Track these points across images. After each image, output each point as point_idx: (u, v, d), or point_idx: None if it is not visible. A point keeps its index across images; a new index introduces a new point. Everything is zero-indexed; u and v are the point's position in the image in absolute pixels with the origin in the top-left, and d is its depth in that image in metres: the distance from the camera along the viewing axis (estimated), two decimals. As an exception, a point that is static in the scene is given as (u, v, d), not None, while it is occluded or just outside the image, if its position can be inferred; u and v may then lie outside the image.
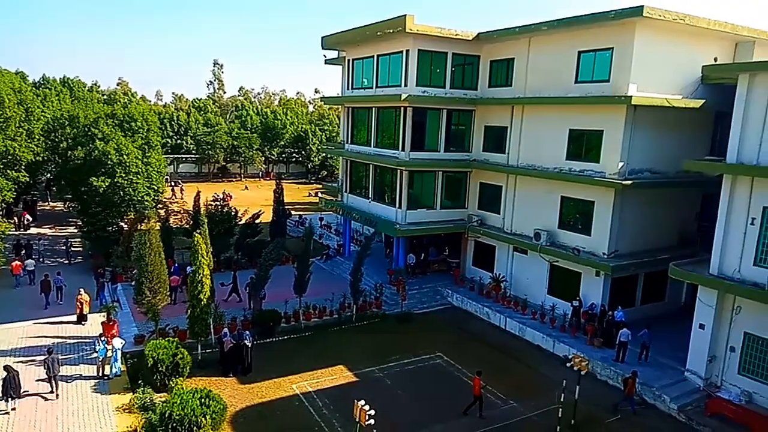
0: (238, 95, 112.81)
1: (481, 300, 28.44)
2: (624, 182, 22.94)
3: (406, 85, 28.66)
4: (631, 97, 22.21)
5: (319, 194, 48.32)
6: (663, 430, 18.14)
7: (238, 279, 28.14)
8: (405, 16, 26.83)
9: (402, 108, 28.83)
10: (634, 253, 24.48)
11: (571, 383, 17.85)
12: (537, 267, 27.23)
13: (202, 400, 16.14)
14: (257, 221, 35.66)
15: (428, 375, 21.51)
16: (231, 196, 54.84)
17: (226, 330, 21.90)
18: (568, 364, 18.23)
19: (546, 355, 23.56)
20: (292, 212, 47.83)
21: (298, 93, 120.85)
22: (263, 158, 79.72)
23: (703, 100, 23.66)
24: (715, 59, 24.34)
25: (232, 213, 34.48)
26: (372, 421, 14.15)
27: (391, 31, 28.02)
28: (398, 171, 29.84)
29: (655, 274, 24.84)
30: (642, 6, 21.26)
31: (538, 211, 27.09)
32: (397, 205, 30.09)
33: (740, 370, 19.16)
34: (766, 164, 17.74)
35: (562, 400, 17.75)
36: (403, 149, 29.19)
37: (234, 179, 76.64)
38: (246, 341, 20.86)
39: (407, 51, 28.39)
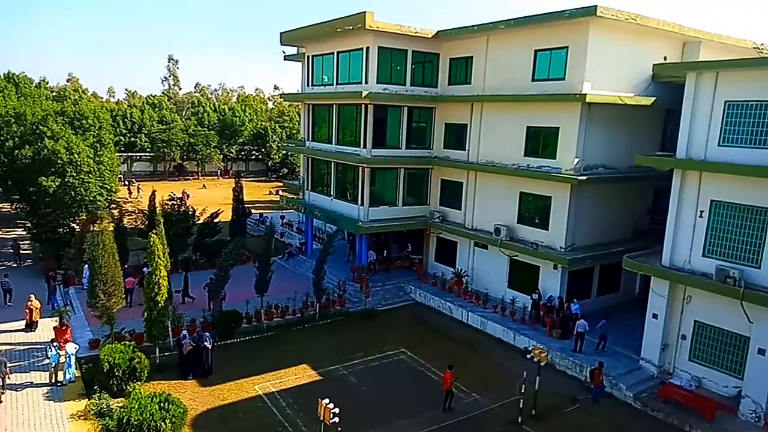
0: (195, 92, 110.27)
1: (443, 295, 28.73)
2: (579, 178, 23.56)
3: (366, 82, 28.62)
4: (585, 95, 22.81)
5: (281, 192, 47.78)
6: (620, 417, 18.75)
7: (189, 280, 27.48)
8: (365, 12, 26.77)
9: (363, 105, 28.77)
10: (589, 247, 25.20)
11: (531, 374, 18.24)
12: (497, 261, 27.69)
13: (161, 404, 15.72)
14: (216, 220, 34.94)
15: (392, 371, 21.58)
16: (189, 195, 53.78)
17: (185, 332, 21.39)
18: (528, 356, 18.63)
19: (507, 348, 23.99)
20: (253, 211, 47.11)
21: (257, 89, 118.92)
22: (221, 156, 78.24)
23: (654, 98, 24.51)
24: (665, 58, 25.24)
25: (190, 212, 33.70)
26: (336, 420, 14.11)
27: (351, 27, 27.91)
28: (360, 168, 29.79)
29: (610, 267, 25.64)
30: (595, 6, 21.84)
31: (498, 206, 27.54)
32: (360, 203, 30.04)
33: (691, 357, 20.00)
34: (713, 159, 18.53)
35: (523, 391, 18.12)
36: (364, 146, 29.14)
37: (191, 178, 74.94)
38: (206, 343, 20.43)
39: (367, 48, 28.33)
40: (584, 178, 23.64)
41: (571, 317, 23.20)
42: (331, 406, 14.14)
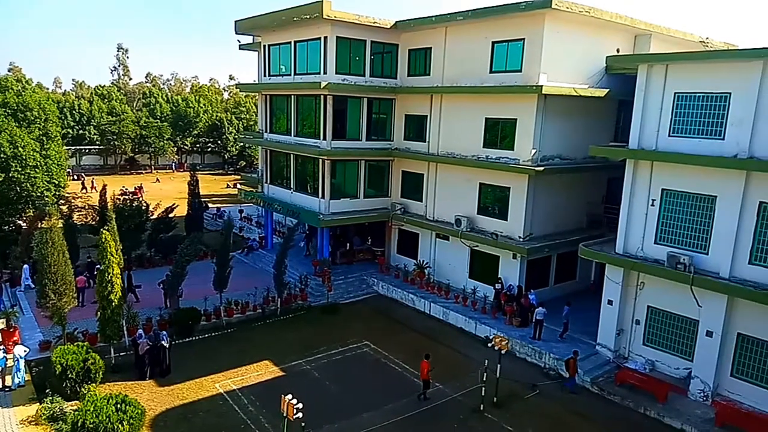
0: (146, 82, 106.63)
1: (406, 287, 28.84)
2: (537, 168, 23.98)
3: (325, 73, 28.25)
4: (541, 86, 23.16)
5: (239, 185, 46.84)
6: (578, 402, 19.28)
7: (133, 278, 26.54)
8: (322, 1, 26.36)
9: (322, 96, 28.41)
10: (547, 236, 25.74)
11: (493, 363, 18.56)
12: (459, 252, 27.97)
13: (118, 405, 15.23)
14: (171, 215, 33.97)
15: (356, 364, 21.54)
16: (143, 190, 52.11)
17: (140, 331, 20.72)
18: (489, 345, 18.95)
19: (469, 337, 24.31)
20: (209, 205, 46.01)
21: (211, 79, 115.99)
22: (175, 149, 76.07)
23: (608, 90, 25.13)
24: (618, 50, 25.90)
25: (143, 207, 32.60)
26: (300, 415, 13.96)
27: (308, 16, 27.45)
28: (320, 160, 29.46)
29: (567, 255, 26.28)
30: (551, -2, 22.15)
31: (459, 198, 27.78)
32: (320, 195, 29.74)
33: (645, 341, 20.74)
34: (664, 149, 19.16)
35: (485, 379, 18.43)
36: (324, 138, 28.82)
37: (144, 171, 72.65)
38: (163, 342, 19.89)
39: (325, 38, 27.95)
40: (541, 168, 24.07)
41: (529, 307, 23.68)
42: (294, 401, 13.98)
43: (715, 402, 18.08)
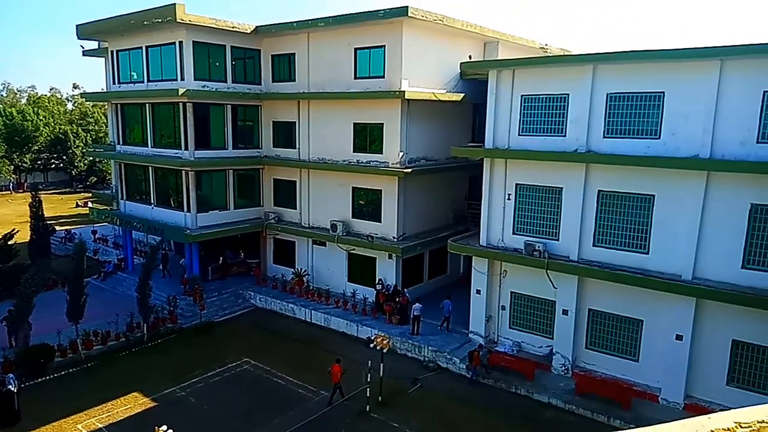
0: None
1: (285, 297, 28.25)
2: (405, 170, 24.83)
3: (183, 79, 26.75)
4: (404, 92, 24.03)
5: (90, 204, 42.69)
6: (456, 390, 20.25)
7: None
8: (175, 4, 24.94)
9: (181, 104, 26.86)
10: (419, 234, 26.77)
11: (376, 362, 18.83)
12: (336, 257, 28.02)
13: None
14: (11, 242, 30.05)
15: (236, 384, 20.62)
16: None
17: (-21, 378, 17.99)
18: (371, 345, 19.20)
19: (351, 340, 24.43)
20: (57, 228, 41.49)
21: (52, 89, 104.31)
22: (12, 167, 67.37)
23: (463, 94, 26.75)
24: (470, 57, 27.69)
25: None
26: (178, 446, 13.02)
27: (161, 20, 25.83)
28: (183, 172, 27.80)
29: (438, 251, 27.52)
30: (407, 6, 23.07)
31: (333, 203, 27.84)
32: (186, 209, 28.05)
33: (511, 324, 22.37)
34: (515, 147, 20.83)
35: (369, 380, 18.63)
36: (186, 148, 27.25)
37: (-27, 194, 63.44)
38: (10, 386, 17.47)
39: (181, 42, 26.47)
40: (409, 170, 24.97)
41: (407, 304, 24.39)
42: (171, 432, 13.02)
43: (575, 374, 20.04)
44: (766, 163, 15.81)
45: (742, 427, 2.36)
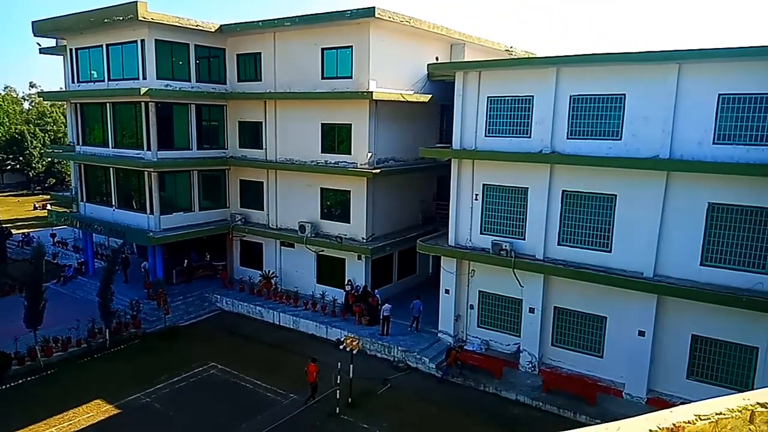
0: None
1: (252, 299, 27.87)
2: (374, 171, 24.82)
3: (145, 78, 26.10)
4: (372, 92, 24.01)
5: (48, 206, 41.26)
6: (426, 389, 20.33)
7: None
8: (136, 2, 24.32)
9: (143, 103, 26.21)
10: (388, 235, 26.79)
11: (346, 364, 18.75)
12: (305, 258, 27.79)
13: None
14: (-37, 247, 28.77)
15: (203, 388, 20.22)
16: None
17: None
18: (341, 347, 19.11)
19: (321, 342, 24.25)
20: (13, 231, 40.02)
21: (7, 87, 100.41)
22: (-36, 168, 64.69)
23: (431, 95, 26.90)
24: (437, 58, 27.87)
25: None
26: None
27: (122, 18, 25.16)
28: (145, 173, 27.13)
29: (407, 251, 27.60)
30: (374, 7, 23.05)
31: (301, 204, 27.61)
32: (149, 211, 27.39)
33: (479, 323, 22.59)
34: (482, 148, 21.04)
35: (338, 381, 18.54)
36: (149, 149, 26.61)
37: None
38: (-39, 398, 16.71)
39: (143, 41, 25.84)
40: (378, 171, 24.96)
41: (376, 305, 24.37)
42: (135, 440, 12.66)
43: (542, 370, 20.36)
44: (722, 164, 16.40)
45: (701, 419, 2.42)
